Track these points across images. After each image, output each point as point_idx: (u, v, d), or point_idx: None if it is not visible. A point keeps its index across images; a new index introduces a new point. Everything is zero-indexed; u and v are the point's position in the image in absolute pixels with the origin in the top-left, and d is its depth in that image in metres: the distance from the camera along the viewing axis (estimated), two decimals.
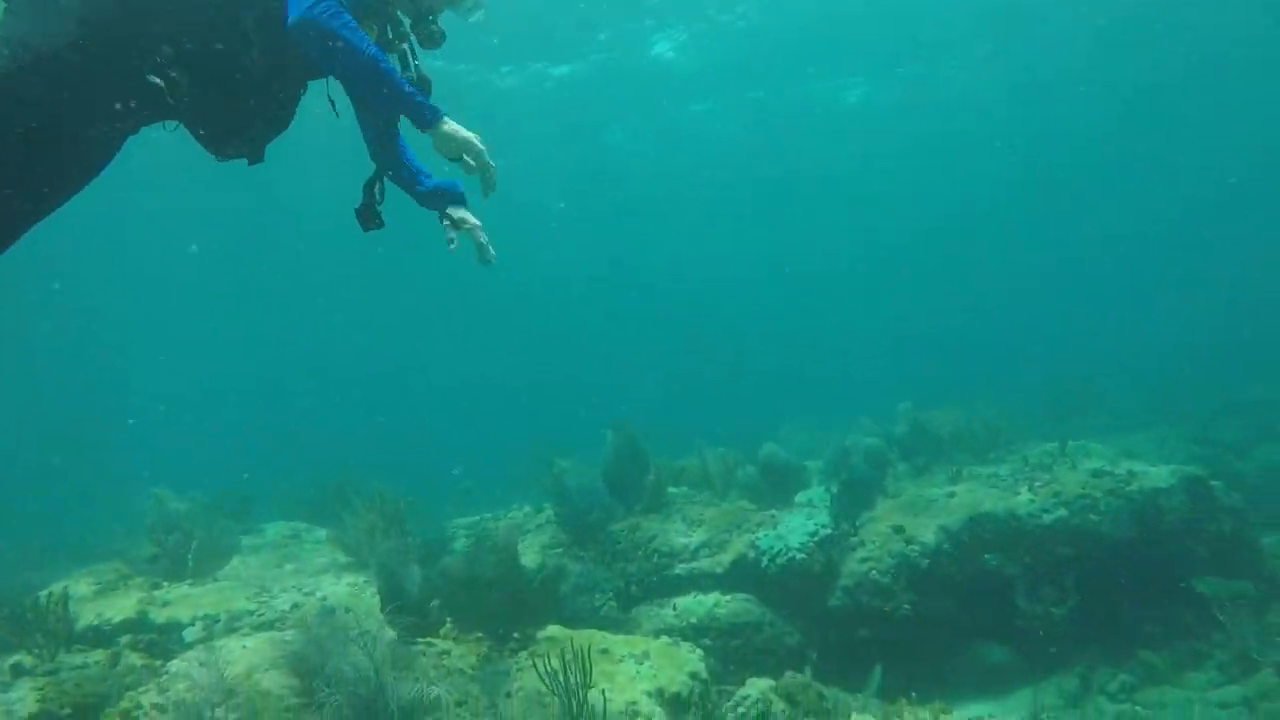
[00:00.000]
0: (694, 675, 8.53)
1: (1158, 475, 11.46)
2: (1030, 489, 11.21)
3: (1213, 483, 11.93)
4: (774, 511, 11.68)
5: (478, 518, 15.51)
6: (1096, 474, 11.43)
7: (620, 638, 9.06)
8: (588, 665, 6.83)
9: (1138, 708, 9.95)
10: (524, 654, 8.18)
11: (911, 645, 10.43)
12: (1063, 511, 10.77)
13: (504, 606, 8.57)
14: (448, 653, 7.96)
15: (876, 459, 12.12)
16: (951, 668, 10.69)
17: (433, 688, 5.89)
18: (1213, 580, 11.00)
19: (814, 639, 10.34)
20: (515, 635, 8.57)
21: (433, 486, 20.86)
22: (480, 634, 8.49)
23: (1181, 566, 11.23)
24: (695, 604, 10.31)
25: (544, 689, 6.72)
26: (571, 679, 6.69)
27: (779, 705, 8.29)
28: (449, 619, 8.53)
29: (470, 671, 7.51)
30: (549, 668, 6.60)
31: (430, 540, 11.46)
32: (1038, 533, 10.79)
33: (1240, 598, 10.54)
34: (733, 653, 9.74)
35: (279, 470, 20.81)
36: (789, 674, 8.82)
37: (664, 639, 9.23)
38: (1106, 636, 10.97)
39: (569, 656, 6.75)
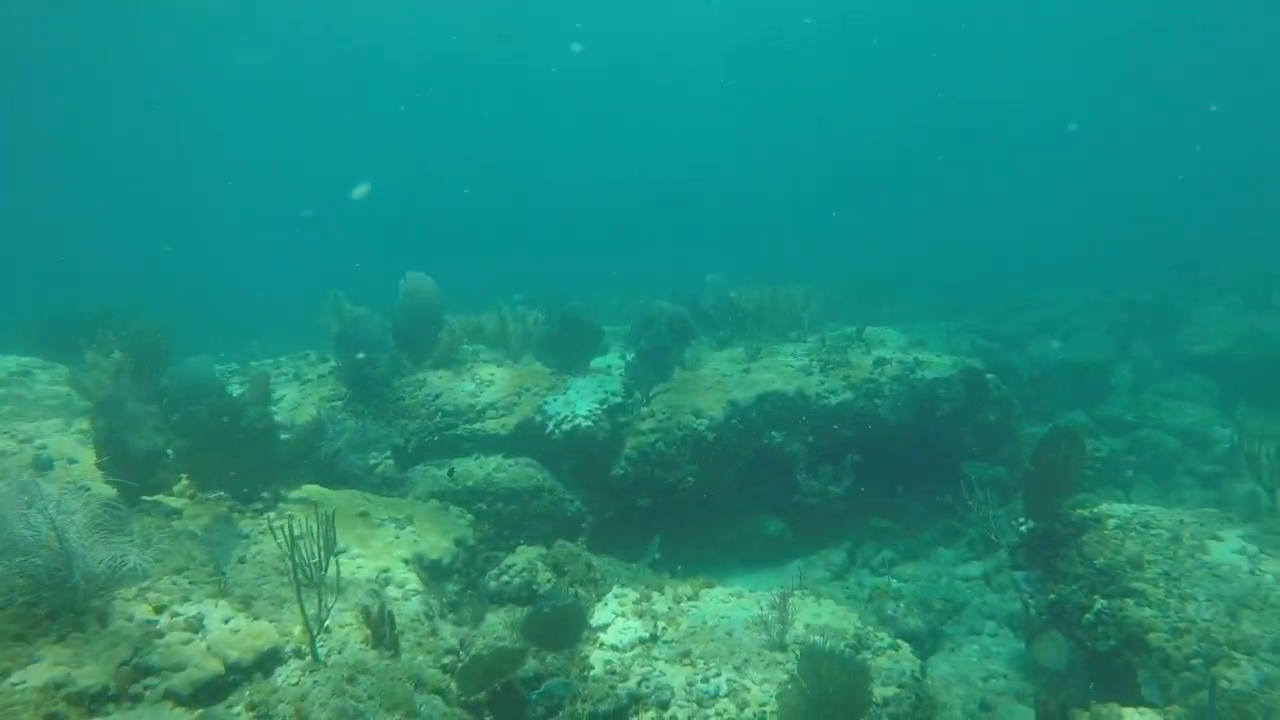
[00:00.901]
0: (459, 542, 8.18)
1: (941, 365, 11.87)
2: (822, 371, 11.33)
3: (988, 376, 12.54)
4: (568, 376, 11.30)
5: (259, 363, 14.38)
6: (884, 361, 11.72)
7: (383, 500, 8.54)
8: (332, 531, 6.25)
9: (892, 580, 10.57)
10: (271, 515, 7.51)
11: (693, 516, 10.57)
12: (849, 395, 10.98)
13: (252, 462, 7.78)
14: (178, 513, 7.15)
15: (679, 329, 11.91)
16: (731, 538, 10.95)
17: (130, 554, 5.15)
18: (977, 465, 11.69)
19: (596, 507, 10.22)
20: (264, 495, 7.86)
21: (223, 327, 19.29)
22: (223, 493, 7.72)
23: (952, 452, 11.85)
24: (475, 467, 9.89)
25: (283, 554, 6.11)
26: (316, 544, 6.12)
27: (545, 575, 8.11)
28: (185, 475, 7.67)
29: (200, 535, 6.77)
30: (291, 531, 5.97)
31: (190, 384, 10.33)
32: (824, 413, 10.99)
33: (996, 482, 11.23)
34: (509, 518, 9.45)
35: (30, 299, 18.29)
36: (559, 543, 8.65)
37: (433, 503, 8.79)
38: (878, 513, 11.53)
39: (320, 519, 6.16)
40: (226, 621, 5.50)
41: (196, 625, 5.35)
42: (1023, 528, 8.54)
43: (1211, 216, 41.61)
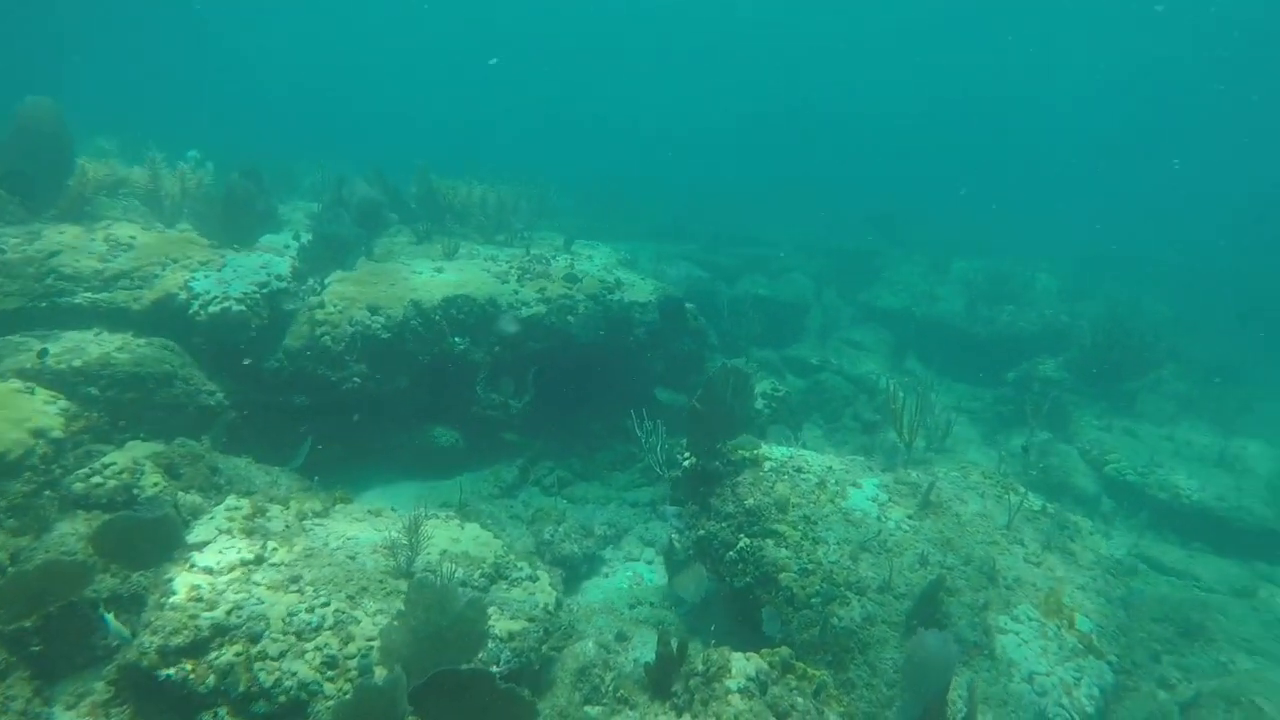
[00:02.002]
0: (40, 432, 6.83)
1: (641, 289, 11.74)
2: (519, 280, 10.77)
3: (687, 305, 12.62)
4: (227, 251, 9.88)
5: None
6: (581, 278, 11.34)
7: None
8: None
9: (562, 500, 10.44)
10: None
11: (359, 421, 9.73)
12: (542, 308, 10.53)
13: None
14: None
15: (370, 214, 10.80)
16: (398, 447, 10.25)
17: None
18: (668, 391, 11.77)
19: (242, 402, 9.07)
20: None
21: None
22: None
23: (643, 377, 11.84)
24: (92, 344, 8.36)
25: None
26: None
27: (153, 478, 6.99)
28: None
29: None
30: None
31: None
32: (514, 324, 10.45)
33: (680, 410, 11.36)
34: (126, 407, 8.09)
35: None
36: (180, 440, 7.54)
37: (14, 383, 7.28)
38: (559, 432, 11.31)
39: None
40: None
41: None
42: (686, 462, 8.58)
43: (934, 179, 45.45)
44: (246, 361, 8.98)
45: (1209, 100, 49.37)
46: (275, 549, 6.18)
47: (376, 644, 5.41)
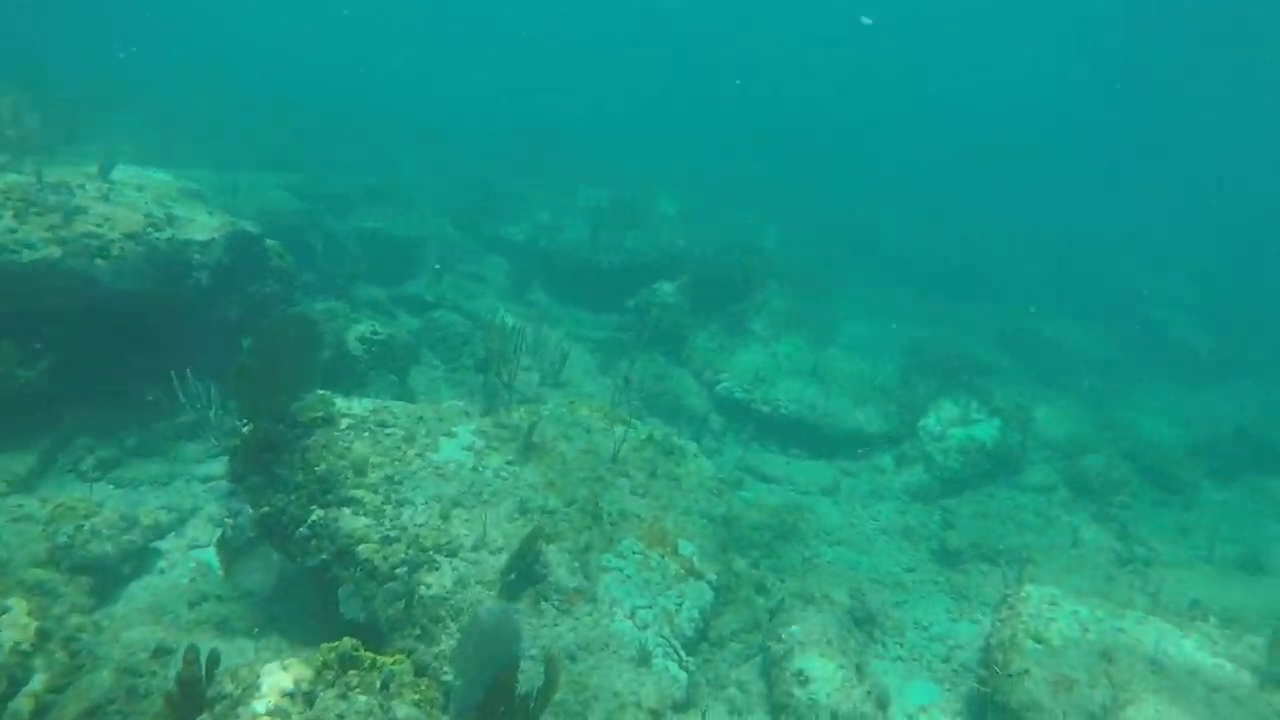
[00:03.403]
0: None
1: (203, 225, 10.04)
2: (19, 216, 8.59)
3: (268, 242, 11.10)
4: None
5: None
6: (112, 216, 9.36)
7: None
8: None
9: (107, 485, 8.71)
10: None
11: None
12: (56, 250, 8.49)
13: None
14: None
15: None
16: None
17: None
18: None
19: None
20: None
21: None
22: None
23: (214, 328, 10.19)
24: None
25: None
26: None
27: None
28: None
29: None
30: None
31: None
32: (17, 273, 8.34)
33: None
34: None
35: None
36: None
37: None
38: (106, 404, 9.41)
39: None
40: None
41: None
42: (245, 429, 7.35)
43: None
44: None
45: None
46: None
47: None
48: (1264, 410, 16.49)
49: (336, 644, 5.27)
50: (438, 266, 16.33)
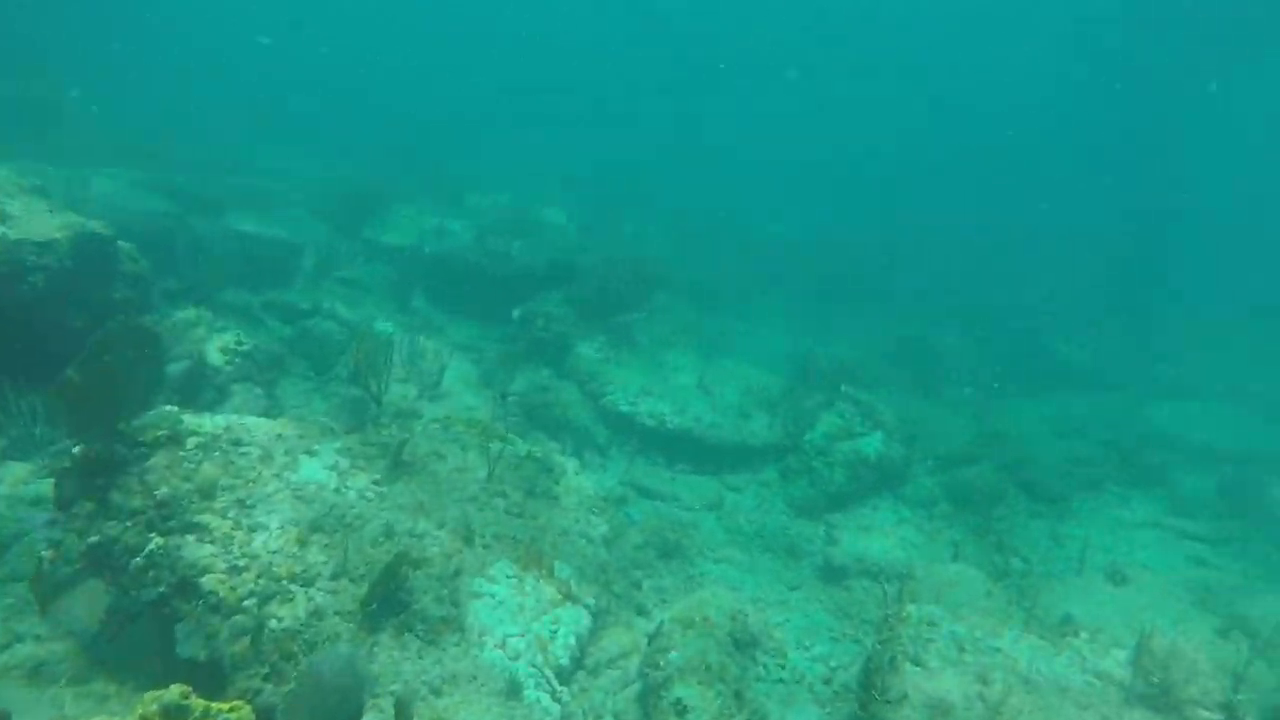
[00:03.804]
0: None
1: (40, 225, 9.25)
2: None
3: (121, 244, 10.33)
4: None
5: None
6: None
7: None
8: None
9: None
10: None
11: None
12: None
13: None
14: None
15: None
16: None
17: None
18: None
19: None
20: None
21: None
22: None
23: (55, 338, 9.37)
24: None
25: None
26: None
27: None
28: None
29: None
30: None
31: None
32: None
33: None
34: None
35: None
36: None
37: None
38: None
39: None
40: None
41: None
42: (75, 450, 6.72)
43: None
44: None
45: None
46: None
47: None
48: (1129, 421, 17.24)
49: (161, 692, 4.77)
50: (314, 272, 15.62)
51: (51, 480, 8.45)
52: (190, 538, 6.38)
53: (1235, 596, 10.71)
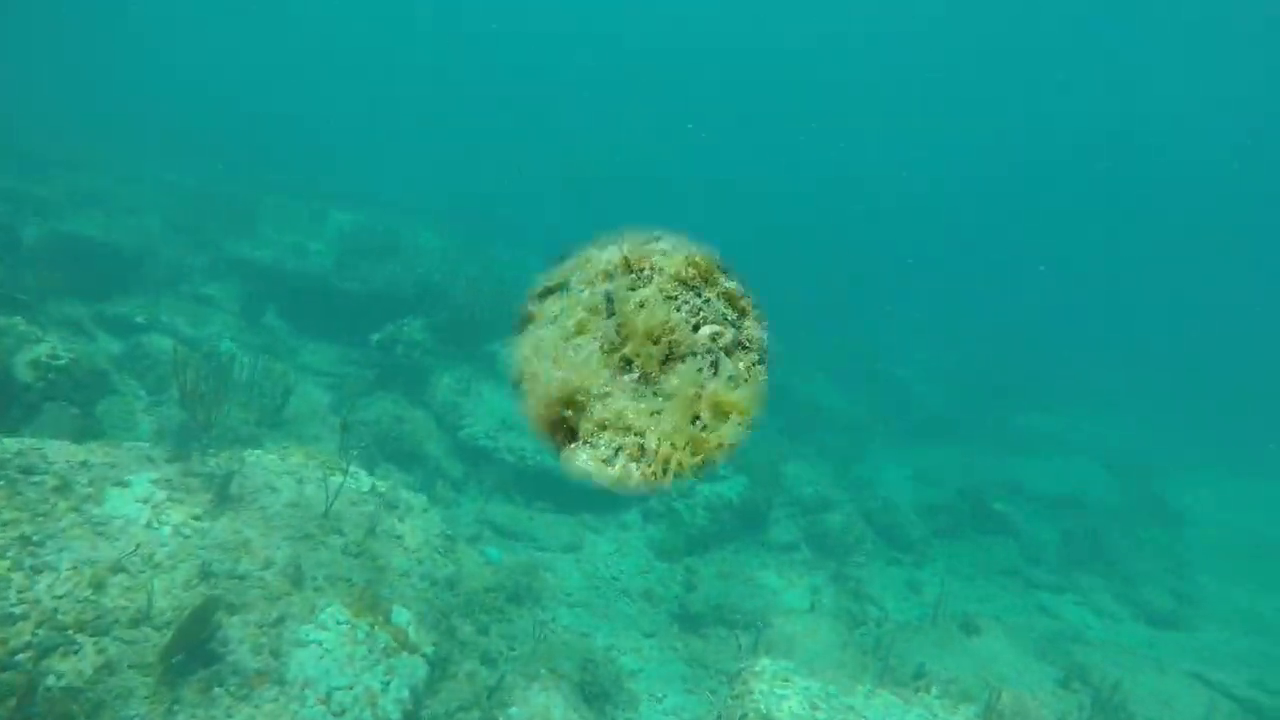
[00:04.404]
0: None
1: None
2: None
3: None
4: None
5: None
6: None
7: None
8: None
9: None
10: None
11: None
12: None
13: None
14: None
15: None
16: None
17: None
18: None
19: None
20: None
21: None
22: None
23: None
24: None
25: None
26: None
27: None
28: None
29: None
30: None
31: None
32: None
33: None
34: None
35: None
36: None
37: None
38: None
39: None
40: None
41: None
42: None
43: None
44: None
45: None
46: None
47: None
48: (982, 470, 17.90)
49: None
50: (158, 284, 14.58)
51: None
52: None
53: (1074, 646, 11.09)
